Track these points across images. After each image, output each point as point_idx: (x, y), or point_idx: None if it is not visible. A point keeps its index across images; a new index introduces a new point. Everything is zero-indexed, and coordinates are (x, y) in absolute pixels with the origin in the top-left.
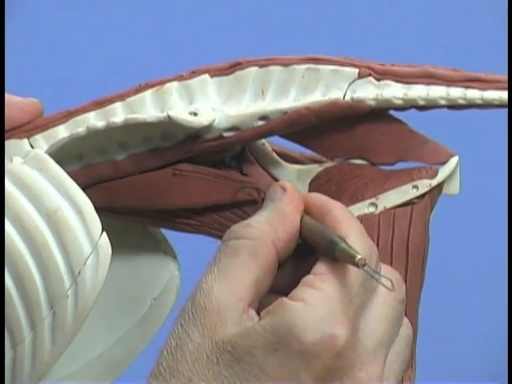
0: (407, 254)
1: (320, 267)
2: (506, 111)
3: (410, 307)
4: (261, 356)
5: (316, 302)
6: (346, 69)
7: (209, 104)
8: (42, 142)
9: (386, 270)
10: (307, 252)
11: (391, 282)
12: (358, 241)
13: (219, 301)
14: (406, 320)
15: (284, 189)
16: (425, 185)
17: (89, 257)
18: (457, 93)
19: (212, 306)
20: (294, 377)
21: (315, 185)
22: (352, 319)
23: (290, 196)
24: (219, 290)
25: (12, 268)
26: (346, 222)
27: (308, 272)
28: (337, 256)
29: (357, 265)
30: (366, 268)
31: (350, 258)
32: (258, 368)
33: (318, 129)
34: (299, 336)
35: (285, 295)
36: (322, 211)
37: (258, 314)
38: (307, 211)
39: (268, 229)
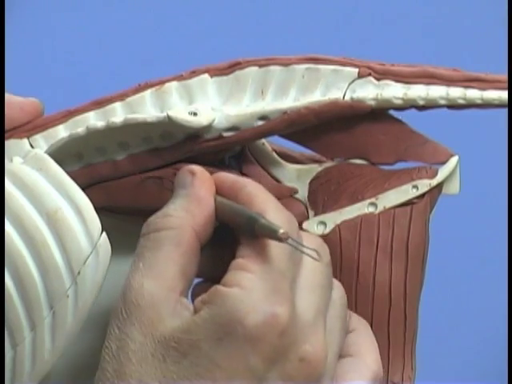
0: (407, 253)
1: (246, 249)
2: (505, 111)
3: (410, 307)
4: (206, 347)
5: (251, 285)
6: (346, 69)
7: (208, 104)
8: (42, 142)
9: (306, 238)
10: (225, 232)
11: (316, 251)
12: (276, 214)
13: (151, 295)
14: (336, 282)
15: (193, 173)
16: (425, 185)
17: (88, 257)
18: (457, 93)
19: (145, 302)
20: (243, 362)
21: (315, 184)
22: (288, 295)
23: (200, 179)
24: (149, 284)
25: (12, 268)
26: (261, 196)
27: (230, 253)
28: (257, 233)
29: (280, 239)
30: (289, 241)
31: (272, 233)
32: (206, 359)
33: (317, 129)
34: (241, 321)
35: (211, 278)
36: (234, 189)
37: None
38: (219, 192)
39: (186, 215)
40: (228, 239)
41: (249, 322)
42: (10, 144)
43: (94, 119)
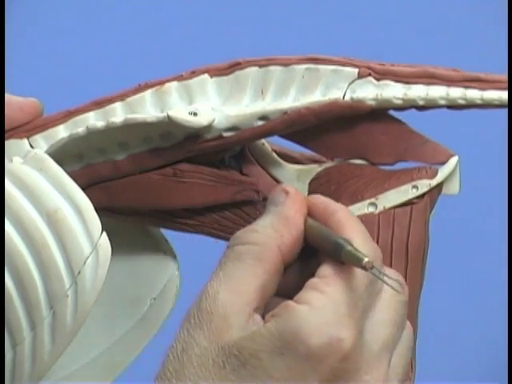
0: (407, 253)
1: (325, 270)
2: (505, 111)
3: (409, 307)
4: (267, 360)
5: (321, 306)
6: (346, 69)
7: (208, 104)
8: (42, 142)
9: (389, 271)
10: (312, 255)
11: (399, 283)
12: (363, 243)
13: (225, 305)
14: (408, 323)
15: (286, 192)
16: (424, 185)
17: (89, 257)
18: (457, 93)
19: (218, 311)
20: (301, 380)
21: (315, 185)
22: (357, 322)
23: (292, 199)
24: (225, 294)
25: (12, 268)
26: (350, 224)
27: (313, 275)
28: (343, 259)
29: (364, 267)
30: (373, 270)
31: (356, 261)
32: (264, 372)
33: (317, 129)
34: (305, 340)
35: (290, 298)
36: (325, 213)
37: (263, 318)
38: (310, 214)
39: (273, 233)
40: (313, 262)
41: (313, 342)
42: (9, 144)
43: (94, 119)
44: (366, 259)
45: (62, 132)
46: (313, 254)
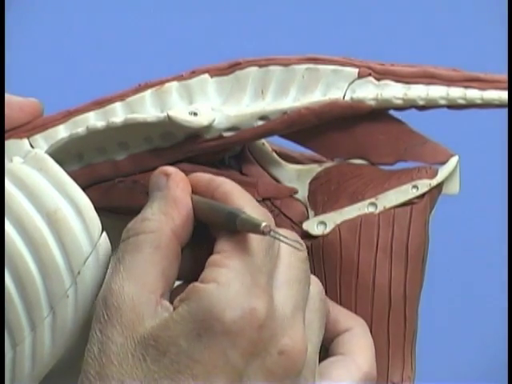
0: (407, 253)
1: (223, 244)
2: (505, 111)
3: (409, 307)
4: (185, 344)
5: (228, 280)
6: (346, 69)
7: (208, 104)
8: (42, 142)
9: (283, 232)
10: (204, 232)
11: (298, 242)
12: (253, 210)
13: (131, 298)
14: (313, 278)
15: (167, 174)
16: (424, 185)
17: (89, 257)
18: (457, 93)
19: (126, 305)
20: (223, 357)
21: (315, 185)
22: (266, 289)
23: (175, 180)
24: (129, 287)
25: (12, 268)
26: (237, 193)
27: (210, 252)
28: (238, 228)
29: (263, 232)
30: (272, 233)
31: (254, 227)
32: (185, 356)
33: (317, 129)
34: (219, 316)
35: (192, 280)
36: (209, 188)
37: (172, 303)
38: (195, 191)
39: (164, 218)
40: (206, 239)
41: (227, 317)
42: (10, 144)
43: (94, 119)
44: (263, 223)
45: (62, 132)
46: (203, 230)
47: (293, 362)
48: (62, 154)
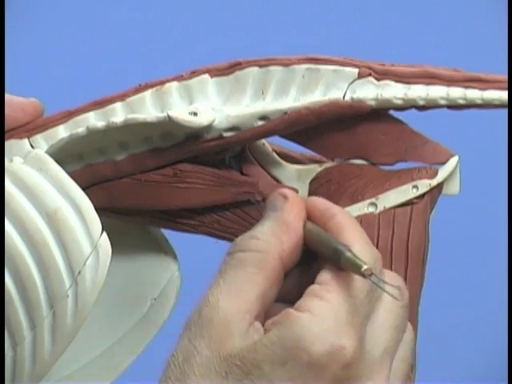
0: (407, 253)
1: (325, 276)
2: (506, 111)
3: (410, 307)
4: (269, 369)
5: (323, 313)
6: (346, 69)
7: (209, 104)
8: (42, 142)
9: (388, 276)
10: (312, 258)
11: (398, 290)
12: (362, 249)
13: (226, 313)
14: (409, 325)
15: (285, 197)
16: (425, 185)
17: (89, 257)
18: (457, 93)
19: (219, 319)
20: None
21: (315, 185)
22: (358, 329)
23: (291, 204)
24: (226, 302)
25: (12, 268)
26: (350, 228)
27: (313, 280)
28: (342, 265)
29: (363, 275)
30: (372, 278)
31: (355, 268)
32: (266, 381)
33: (318, 129)
34: (307, 348)
35: (291, 304)
36: (324, 217)
37: (264, 325)
38: (309, 217)
39: (273, 240)
40: (313, 266)
41: (315, 350)
42: (10, 144)
43: (94, 119)
44: (364, 266)
45: (62, 132)
46: (313, 257)
47: None
48: (63, 154)
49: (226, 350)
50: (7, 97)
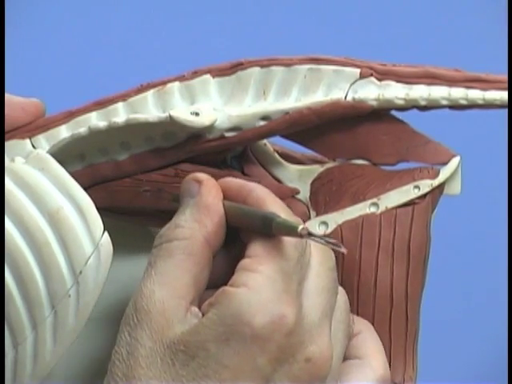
0: (408, 254)
1: (255, 249)
2: (506, 111)
3: (411, 307)
4: (214, 348)
5: (258, 285)
6: (348, 69)
7: (210, 104)
8: (44, 142)
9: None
10: (233, 238)
11: (340, 245)
12: (287, 215)
13: (162, 302)
14: (340, 288)
15: (199, 181)
16: (426, 185)
17: (90, 256)
18: (458, 93)
19: (156, 309)
20: (251, 362)
21: (317, 185)
22: (295, 296)
23: (207, 187)
24: (160, 291)
25: (13, 267)
26: (270, 199)
27: (240, 257)
28: (274, 231)
29: (300, 235)
30: (310, 235)
31: (291, 230)
32: (213, 361)
33: (319, 129)
34: (249, 321)
35: (222, 285)
36: (241, 193)
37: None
38: (226, 197)
39: (197, 226)
40: (236, 244)
41: (256, 322)
42: (11, 144)
43: (95, 119)
44: (300, 226)
45: (63, 132)
46: (235, 236)
47: (318, 369)
48: (64, 154)
49: (168, 338)
50: (8, 97)
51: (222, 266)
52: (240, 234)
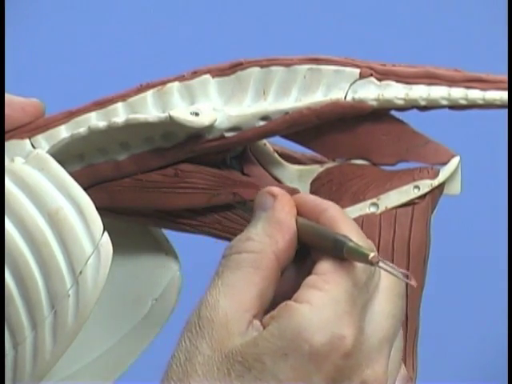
0: (408, 254)
1: (322, 267)
2: (506, 111)
3: (411, 307)
4: (271, 362)
5: (322, 303)
6: (348, 69)
7: (210, 104)
8: (44, 143)
9: (391, 264)
10: (304, 254)
11: (408, 275)
12: (359, 238)
13: (225, 313)
14: None
15: (274, 195)
16: (426, 185)
17: (90, 256)
18: (458, 93)
19: (219, 319)
20: (306, 379)
21: (316, 185)
22: (357, 319)
23: (281, 202)
24: (225, 302)
25: (13, 268)
26: (343, 221)
27: (308, 274)
28: (346, 255)
29: (371, 262)
30: (380, 264)
31: (362, 256)
32: (269, 375)
33: (319, 129)
34: (308, 338)
35: (287, 300)
36: (316, 211)
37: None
38: (300, 213)
39: (268, 240)
40: (307, 261)
41: (315, 340)
42: (11, 144)
43: (95, 120)
44: (371, 254)
45: (63, 132)
46: (305, 253)
47: None
48: (64, 154)
49: (227, 348)
50: (8, 97)
51: (289, 282)
52: (311, 251)
